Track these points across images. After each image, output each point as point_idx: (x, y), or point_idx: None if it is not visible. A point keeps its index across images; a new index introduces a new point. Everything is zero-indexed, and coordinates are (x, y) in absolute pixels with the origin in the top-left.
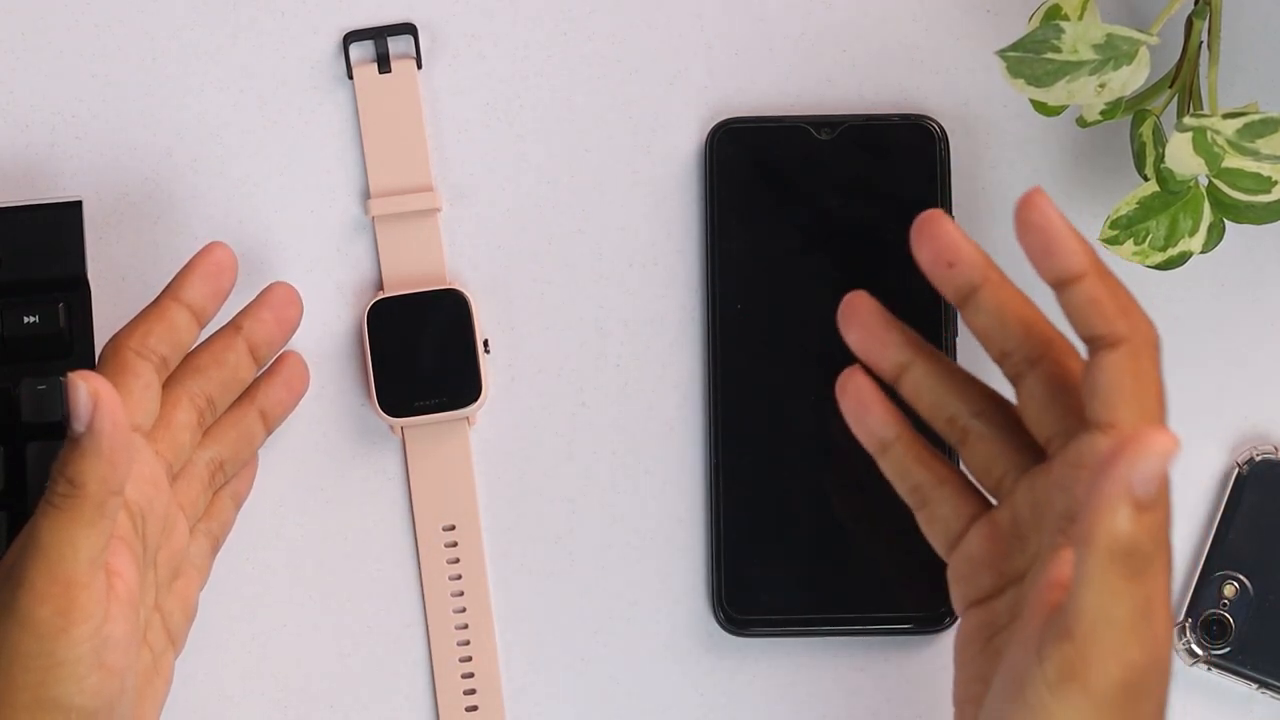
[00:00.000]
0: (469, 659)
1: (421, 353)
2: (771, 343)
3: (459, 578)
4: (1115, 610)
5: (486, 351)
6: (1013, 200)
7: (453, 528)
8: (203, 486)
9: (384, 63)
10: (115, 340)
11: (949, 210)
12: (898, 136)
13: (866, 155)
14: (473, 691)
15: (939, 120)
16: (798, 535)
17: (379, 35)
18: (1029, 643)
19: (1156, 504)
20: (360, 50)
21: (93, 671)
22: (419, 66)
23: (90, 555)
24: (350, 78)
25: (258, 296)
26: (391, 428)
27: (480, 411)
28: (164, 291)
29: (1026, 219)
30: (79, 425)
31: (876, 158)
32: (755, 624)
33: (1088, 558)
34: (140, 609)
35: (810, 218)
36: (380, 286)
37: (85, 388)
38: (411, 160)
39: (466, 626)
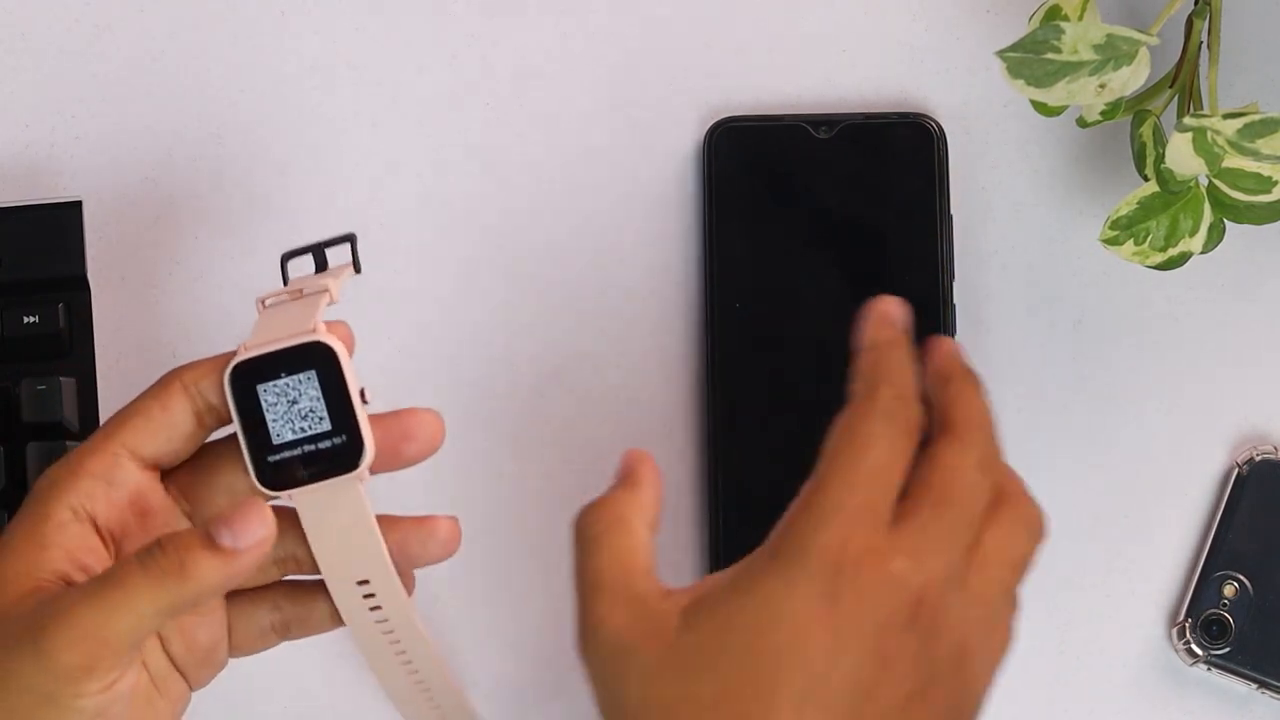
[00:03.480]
0: (427, 690)
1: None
2: (770, 341)
3: (390, 631)
4: None
5: (365, 401)
6: (1013, 200)
7: (367, 581)
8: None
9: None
10: (174, 370)
11: (947, 209)
12: (896, 135)
13: (865, 154)
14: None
15: (937, 119)
16: None
17: (318, 250)
18: None
19: None
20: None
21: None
22: (357, 270)
23: (139, 624)
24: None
25: (396, 414)
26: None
27: (367, 468)
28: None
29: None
30: (230, 541)
31: (875, 156)
32: None
33: None
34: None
35: (809, 216)
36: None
37: (262, 527)
38: None
39: (410, 662)
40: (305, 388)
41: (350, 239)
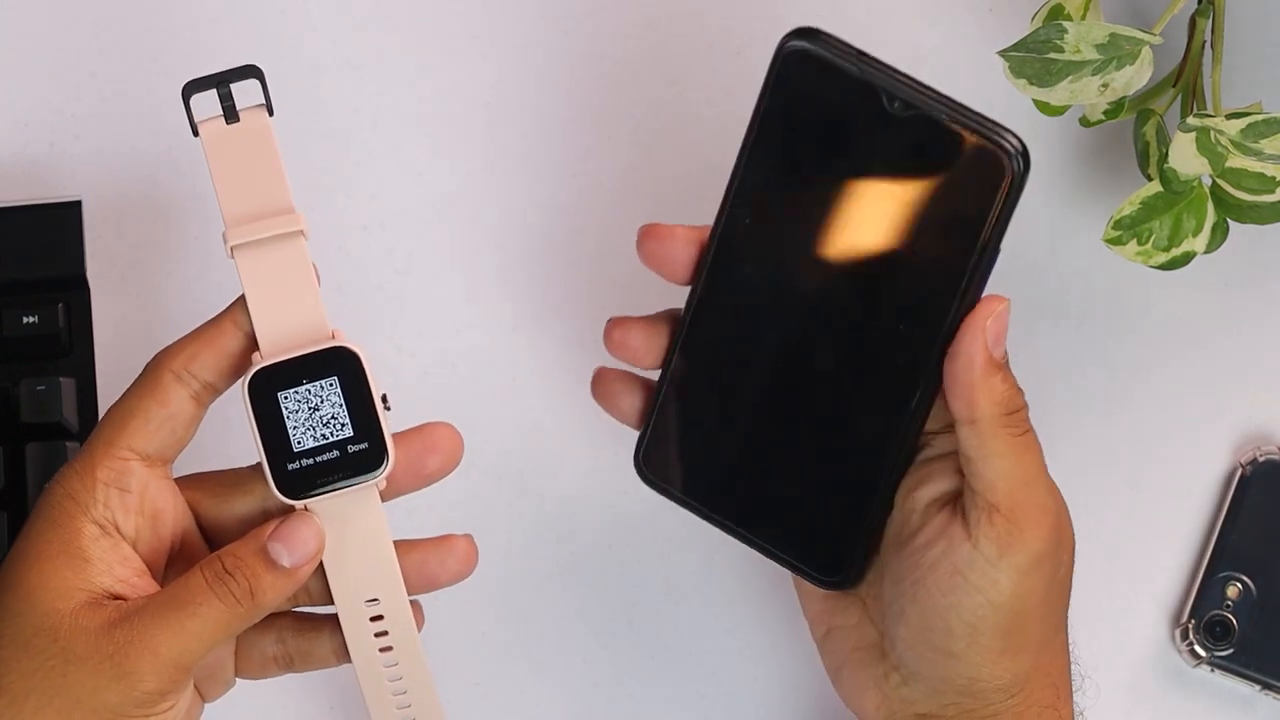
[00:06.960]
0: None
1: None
2: (770, 278)
3: (390, 651)
4: (1021, 468)
5: (387, 408)
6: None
7: (376, 601)
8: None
9: (231, 114)
10: (158, 357)
11: (994, 244)
12: (968, 149)
13: (924, 150)
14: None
15: (1024, 146)
16: (740, 436)
17: (221, 82)
18: (951, 539)
19: (1005, 360)
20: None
21: None
22: (270, 113)
23: (210, 648)
24: (195, 135)
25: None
26: (294, 507)
27: (386, 476)
28: (225, 311)
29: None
30: (288, 560)
31: (933, 158)
32: (663, 488)
33: (983, 431)
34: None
35: (845, 185)
36: (255, 347)
37: (314, 539)
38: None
39: (410, 706)
40: (328, 394)
41: (257, 74)
